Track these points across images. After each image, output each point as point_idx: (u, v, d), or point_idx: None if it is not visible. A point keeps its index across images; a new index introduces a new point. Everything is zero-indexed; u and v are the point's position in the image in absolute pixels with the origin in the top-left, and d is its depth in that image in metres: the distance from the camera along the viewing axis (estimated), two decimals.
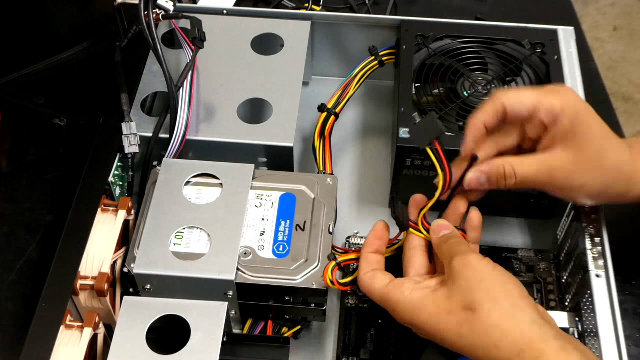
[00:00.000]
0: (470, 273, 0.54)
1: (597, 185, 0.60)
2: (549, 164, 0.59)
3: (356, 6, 0.97)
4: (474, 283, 0.53)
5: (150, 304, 0.61)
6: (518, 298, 0.53)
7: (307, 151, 0.80)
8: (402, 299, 0.56)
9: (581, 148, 0.59)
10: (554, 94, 0.59)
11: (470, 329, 0.52)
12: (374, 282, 0.58)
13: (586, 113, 0.60)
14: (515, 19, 0.81)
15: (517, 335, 0.51)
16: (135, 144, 0.71)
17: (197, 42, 0.74)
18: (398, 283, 0.57)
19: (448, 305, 0.53)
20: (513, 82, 0.76)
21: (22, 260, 0.73)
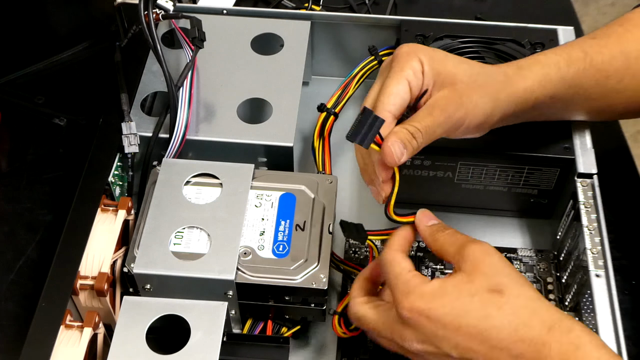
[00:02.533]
0: (493, 259, 0.53)
1: (487, 100, 0.60)
2: (436, 104, 0.59)
3: (356, 6, 0.97)
4: (498, 268, 0.53)
5: (150, 304, 0.61)
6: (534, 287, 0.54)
7: (307, 151, 0.80)
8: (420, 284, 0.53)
9: (454, 81, 0.59)
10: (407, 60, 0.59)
11: (497, 309, 0.51)
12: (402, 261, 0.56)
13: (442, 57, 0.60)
14: (515, 19, 0.81)
15: (546, 314, 0.51)
16: (135, 144, 0.71)
17: (197, 42, 0.74)
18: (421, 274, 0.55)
19: (471, 288, 0.52)
20: None
21: (22, 260, 0.73)
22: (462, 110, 0.59)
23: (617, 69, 0.65)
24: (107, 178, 0.69)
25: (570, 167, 0.70)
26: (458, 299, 0.52)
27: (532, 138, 0.71)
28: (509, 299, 0.51)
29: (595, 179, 0.69)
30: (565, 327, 0.50)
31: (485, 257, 0.54)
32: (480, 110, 0.60)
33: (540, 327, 0.50)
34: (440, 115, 0.58)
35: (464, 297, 0.52)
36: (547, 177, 0.72)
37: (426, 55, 0.60)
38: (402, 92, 0.59)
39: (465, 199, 0.76)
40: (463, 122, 0.59)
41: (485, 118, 0.61)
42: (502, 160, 0.71)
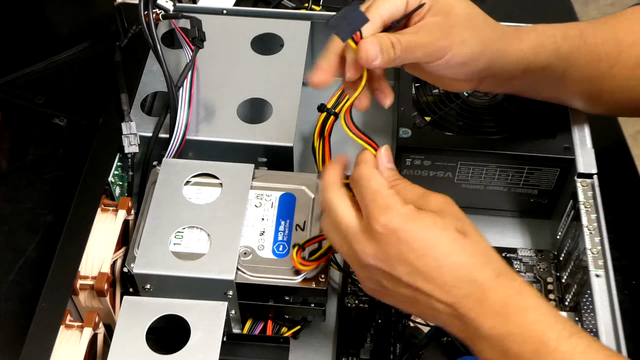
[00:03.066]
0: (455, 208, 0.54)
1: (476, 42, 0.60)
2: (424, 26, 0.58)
3: None
4: (461, 215, 0.54)
5: (150, 304, 0.61)
6: None
7: (307, 151, 0.80)
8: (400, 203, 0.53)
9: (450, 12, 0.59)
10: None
11: (461, 248, 0.52)
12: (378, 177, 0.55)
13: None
14: (515, 19, 0.81)
15: (497, 262, 0.53)
16: (135, 144, 0.71)
17: (197, 42, 0.74)
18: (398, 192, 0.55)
19: (442, 223, 0.53)
20: None
21: (22, 260, 0.73)
22: (448, 40, 0.58)
23: (609, 54, 0.66)
24: (107, 178, 0.69)
25: (570, 167, 0.70)
26: (432, 229, 0.52)
27: (532, 138, 0.71)
28: (472, 242, 0.53)
29: (595, 179, 0.69)
30: (511, 276, 0.52)
31: (449, 205, 0.55)
32: (466, 48, 0.59)
33: (491, 273, 0.51)
34: (424, 37, 0.58)
35: (437, 229, 0.52)
36: (547, 177, 0.72)
37: None
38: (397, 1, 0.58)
39: (465, 199, 0.75)
40: (445, 53, 0.59)
41: (469, 58, 0.60)
42: (502, 160, 0.71)
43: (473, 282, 0.51)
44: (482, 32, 0.61)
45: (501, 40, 0.62)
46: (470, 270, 0.51)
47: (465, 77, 0.62)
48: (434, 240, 0.52)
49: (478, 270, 0.51)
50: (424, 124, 0.72)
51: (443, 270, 0.51)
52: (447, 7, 0.59)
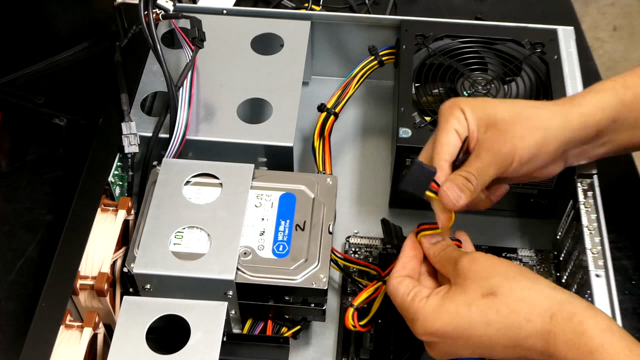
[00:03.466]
0: (480, 265, 0.55)
1: (534, 131, 0.60)
2: (482, 146, 0.60)
3: (356, 6, 0.97)
4: (487, 272, 0.54)
5: (150, 304, 0.61)
6: (530, 273, 0.54)
7: (307, 151, 0.80)
8: (421, 305, 0.55)
9: (496, 121, 0.61)
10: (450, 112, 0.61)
11: (496, 312, 0.52)
12: (400, 287, 0.58)
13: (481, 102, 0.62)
14: (515, 19, 0.81)
15: (545, 302, 0.52)
16: (135, 144, 0.71)
17: (197, 42, 0.74)
18: (419, 292, 0.57)
19: (466, 298, 0.53)
20: (513, 82, 0.76)
21: (22, 260, 0.73)
22: (508, 145, 0.60)
23: None
24: (107, 178, 0.69)
25: (570, 167, 0.70)
26: (457, 313, 0.53)
27: None
28: (503, 298, 0.52)
29: (595, 179, 0.69)
30: (567, 313, 0.51)
31: (472, 264, 0.55)
32: (528, 142, 0.60)
33: (542, 319, 0.51)
34: (487, 156, 0.60)
35: (462, 309, 0.53)
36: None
37: (466, 104, 0.61)
38: (453, 141, 0.61)
39: None
40: (513, 156, 0.60)
41: (536, 148, 0.61)
42: None
43: (528, 336, 0.51)
44: (536, 119, 0.61)
45: (559, 115, 0.62)
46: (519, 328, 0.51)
47: (547, 161, 0.63)
48: (466, 322, 0.53)
49: (527, 323, 0.51)
50: (424, 124, 0.72)
51: (495, 340, 0.52)
52: (491, 118, 0.61)
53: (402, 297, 0.57)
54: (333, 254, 0.66)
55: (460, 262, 0.56)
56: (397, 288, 0.58)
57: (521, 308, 0.52)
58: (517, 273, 0.54)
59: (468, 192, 0.58)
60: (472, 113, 0.61)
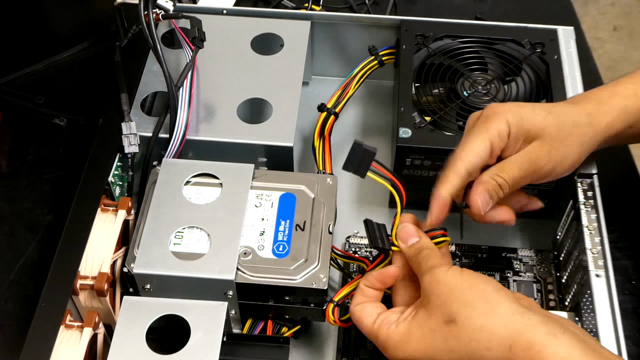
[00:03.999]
0: (440, 288, 0.54)
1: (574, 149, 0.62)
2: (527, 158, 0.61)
3: (356, 6, 0.97)
4: (446, 297, 0.54)
5: (150, 304, 0.61)
6: (492, 294, 0.53)
7: (307, 151, 0.80)
8: (389, 333, 0.56)
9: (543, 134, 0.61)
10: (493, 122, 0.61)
11: (457, 340, 0.52)
12: (362, 316, 0.58)
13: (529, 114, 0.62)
14: (515, 19, 0.81)
15: (503, 331, 0.51)
16: (135, 144, 0.71)
17: (197, 42, 0.74)
18: (385, 318, 0.57)
19: (430, 324, 0.53)
20: (513, 82, 0.76)
21: (22, 260, 0.73)
22: (551, 164, 0.61)
23: None
24: (107, 178, 0.69)
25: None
26: (424, 339, 0.54)
27: None
28: (463, 326, 0.52)
29: (595, 179, 0.69)
30: (526, 342, 0.50)
31: (434, 287, 0.55)
32: (568, 161, 0.62)
33: (501, 348, 0.51)
34: (529, 169, 0.61)
35: (427, 335, 0.53)
36: None
37: (515, 115, 0.61)
38: (482, 152, 0.61)
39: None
40: (551, 174, 0.62)
41: (571, 166, 0.63)
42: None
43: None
44: (576, 136, 0.62)
45: (590, 128, 0.63)
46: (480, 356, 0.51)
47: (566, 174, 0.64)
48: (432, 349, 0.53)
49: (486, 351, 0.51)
50: (424, 124, 0.72)
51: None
52: (539, 130, 0.61)
53: (368, 326, 0.57)
54: (333, 252, 0.66)
55: (424, 280, 0.56)
56: (360, 317, 0.58)
57: (480, 337, 0.51)
58: (475, 296, 0.53)
59: (496, 199, 0.59)
60: (518, 128, 0.61)
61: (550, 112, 0.63)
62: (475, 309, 0.52)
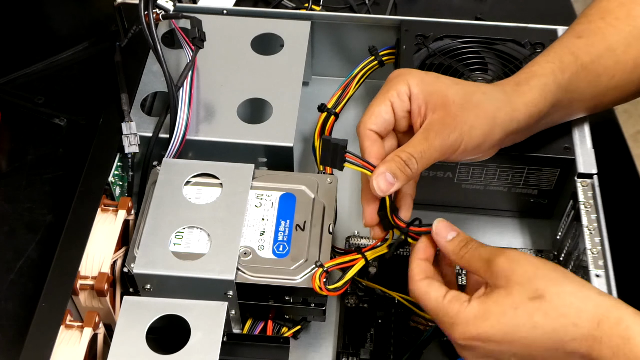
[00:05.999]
0: (524, 267, 0.53)
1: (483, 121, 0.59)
2: (431, 128, 0.59)
3: (356, 6, 0.97)
4: (531, 274, 0.53)
5: (150, 304, 0.61)
6: (576, 277, 0.53)
7: (307, 151, 0.80)
8: (461, 309, 0.54)
9: (447, 102, 0.59)
10: (394, 83, 0.60)
11: (544, 315, 0.51)
12: (430, 290, 0.56)
13: (433, 80, 0.61)
14: (515, 19, 0.81)
15: (592, 308, 0.51)
16: (135, 144, 0.71)
17: (197, 42, 0.74)
18: (457, 295, 0.55)
19: (512, 301, 0.52)
20: None
21: (22, 260, 0.73)
22: (457, 132, 0.58)
23: (607, 67, 0.65)
24: (107, 178, 0.69)
25: (570, 167, 0.70)
26: (504, 316, 0.52)
27: (532, 138, 0.71)
28: (551, 301, 0.51)
29: (595, 179, 0.69)
30: (614, 319, 0.50)
31: (515, 266, 0.53)
32: (476, 131, 0.59)
33: (589, 324, 0.50)
34: (435, 139, 0.58)
35: (508, 312, 0.52)
36: (547, 177, 0.72)
37: (415, 77, 0.60)
38: (383, 112, 0.60)
39: (465, 199, 0.76)
40: (459, 145, 0.59)
41: (483, 138, 0.60)
42: (502, 160, 0.71)
43: (573, 340, 0.51)
44: (485, 107, 0.60)
45: (506, 104, 0.61)
46: (566, 332, 0.51)
47: (486, 149, 0.62)
48: (512, 325, 0.52)
49: (573, 327, 0.51)
50: None
51: (540, 343, 0.51)
52: (442, 98, 0.59)
53: (437, 301, 0.55)
54: (333, 251, 0.66)
55: (497, 262, 0.54)
56: (427, 291, 0.56)
57: (569, 312, 0.51)
58: (562, 277, 0.53)
59: (404, 177, 0.57)
60: (420, 89, 0.60)
61: (457, 83, 0.61)
62: (564, 287, 0.52)
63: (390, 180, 0.57)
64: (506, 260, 0.54)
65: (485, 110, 0.60)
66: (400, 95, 0.60)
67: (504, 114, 0.60)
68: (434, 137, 0.58)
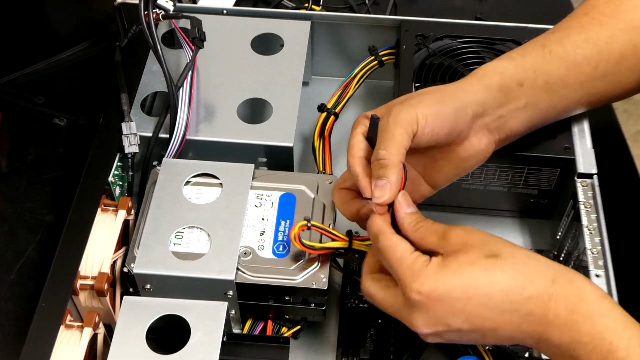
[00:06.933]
0: (478, 234, 0.54)
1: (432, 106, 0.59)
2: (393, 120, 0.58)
3: (356, 6, 0.97)
4: (486, 238, 0.54)
5: (150, 304, 0.61)
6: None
7: (307, 151, 0.80)
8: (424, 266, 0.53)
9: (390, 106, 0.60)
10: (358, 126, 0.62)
11: (501, 271, 0.52)
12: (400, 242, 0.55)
13: None
14: (515, 19, 0.81)
15: (546, 268, 0.52)
16: (135, 144, 0.71)
17: (197, 42, 0.74)
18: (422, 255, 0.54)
19: (469, 259, 0.52)
20: None
21: (22, 260, 0.73)
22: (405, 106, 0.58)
23: (587, 56, 0.65)
24: (107, 178, 0.69)
25: (570, 167, 0.70)
26: (461, 270, 0.52)
27: (532, 138, 0.71)
28: (507, 259, 0.52)
29: (595, 179, 0.69)
30: (568, 278, 0.52)
31: (470, 234, 0.54)
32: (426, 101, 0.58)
33: (544, 282, 0.51)
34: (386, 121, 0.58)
35: (466, 268, 0.52)
36: (547, 177, 0.72)
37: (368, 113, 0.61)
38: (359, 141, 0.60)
39: (465, 199, 0.76)
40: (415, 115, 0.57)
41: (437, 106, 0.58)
42: (502, 160, 0.71)
43: (530, 298, 0.51)
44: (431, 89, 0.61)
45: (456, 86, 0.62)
46: (522, 288, 0.51)
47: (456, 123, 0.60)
48: (470, 279, 0.52)
49: (529, 284, 0.51)
50: None
51: (496, 300, 0.51)
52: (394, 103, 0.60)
53: (403, 253, 0.54)
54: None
55: (453, 231, 0.55)
56: (397, 243, 0.55)
57: (526, 270, 0.52)
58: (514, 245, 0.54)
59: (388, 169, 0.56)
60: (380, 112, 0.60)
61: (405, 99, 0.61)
62: (518, 249, 0.53)
63: (380, 183, 0.56)
64: (462, 230, 0.55)
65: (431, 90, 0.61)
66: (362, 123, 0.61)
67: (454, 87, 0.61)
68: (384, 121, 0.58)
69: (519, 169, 0.72)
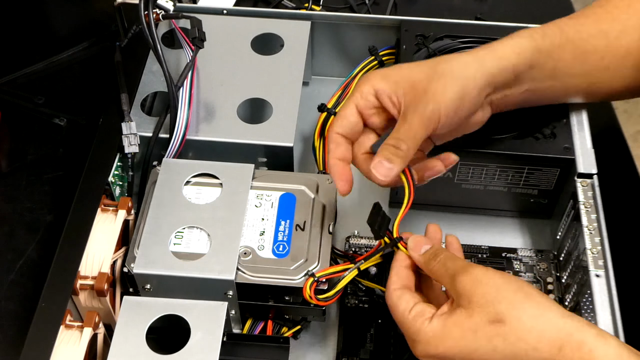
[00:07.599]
0: (485, 288, 0.53)
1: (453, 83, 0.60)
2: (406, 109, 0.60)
3: (356, 6, 0.97)
4: (492, 297, 0.52)
5: (150, 304, 0.61)
6: (539, 297, 0.52)
7: (307, 151, 0.80)
8: (422, 328, 0.54)
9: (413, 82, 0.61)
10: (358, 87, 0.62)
11: (503, 340, 0.51)
12: (400, 302, 0.56)
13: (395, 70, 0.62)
14: (515, 19, 0.81)
15: (554, 332, 0.50)
16: (135, 144, 0.71)
17: (197, 42, 0.74)
18: (421, 311, 0.55)
19: (472, 324, 0.52)
20: None
21: (22, 260, 0.73)
22: (431, 103, 0.59)
23: (596, 47, 0.66)
24: (107, 178, 0.69)
25: (570, 167, 0.70)
26: (463, 338, 0.52)
27: (532, 138, 0.71)
28: (512, 326, 0.51)
29: (595, 179, 0.69)
30: (576, 343, 0.50)
31: (477, 287, 0.53)
32: (448, 95, 0.59)
33: (550, 349, 0.50)
34: (413, 116, 0.59)
35: (467, 335, 0.52)
36: (547, 177, 0.72)
37: (377, 74, 0.62)
38: (348, 115, 0.62)
39: (465, 199, 0.76)
40: (439, 113, 0.59)
41: (459, 99, 0.60)
42: (502, 160, 0.71)
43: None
44: (452, 72, 0.61)
45: (476, 62, 0.62)
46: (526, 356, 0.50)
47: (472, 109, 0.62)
48: (471, 348, 0.52)
49: (533, 352, 0.50)
50: None
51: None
52: (408, 81, 0.61)
53: (403, 314, 0.55)
54: (333, 252, 0.66)
55: (460, 280, 0.54)
56: (397, 303, 0.56)
57: (529, 337, 0.50)
58: (523, 299, 0.52)
59: (399, 160, 0.58)
60: (385, 82, 0.61)
61: (420, 64, 0.62)
62: (525, 311, 0.51)
63: (387, 165, 0.58)
64: (469, 280, 0.54)
65: (452, 72, 0.61)
66: (364, 95, 0.61)
67: (473, 71, 0.61)
68: (412, 115, 0.59)
69: (519, 169, 0.72)
